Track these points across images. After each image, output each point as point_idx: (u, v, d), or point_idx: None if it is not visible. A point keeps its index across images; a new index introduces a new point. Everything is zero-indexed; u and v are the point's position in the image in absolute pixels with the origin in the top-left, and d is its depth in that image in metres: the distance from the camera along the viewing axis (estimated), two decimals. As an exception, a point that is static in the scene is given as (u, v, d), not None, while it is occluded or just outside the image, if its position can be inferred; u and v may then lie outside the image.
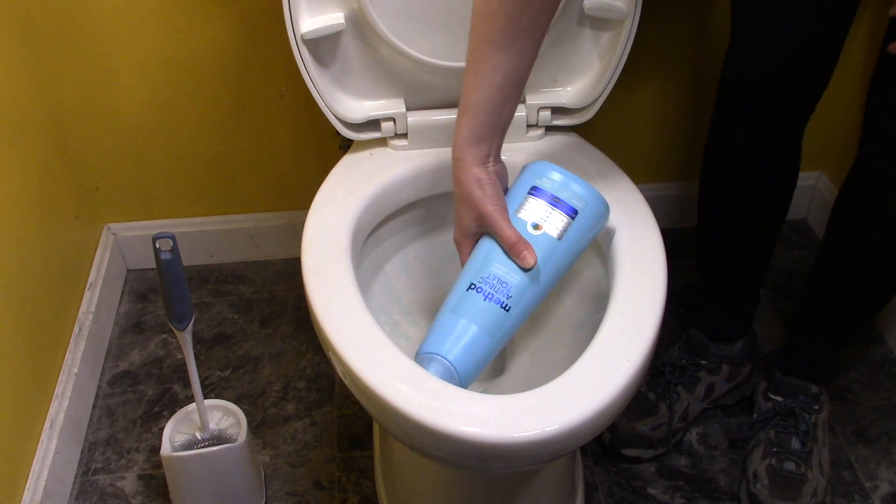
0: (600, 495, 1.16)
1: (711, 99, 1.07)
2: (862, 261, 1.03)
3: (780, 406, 1.16)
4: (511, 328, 0.82)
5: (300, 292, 0.96)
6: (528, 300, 0.82)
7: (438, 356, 0.79)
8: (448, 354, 0.79)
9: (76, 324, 1.29)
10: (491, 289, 0.80)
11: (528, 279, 0.81)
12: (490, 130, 0.83)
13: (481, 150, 0.83)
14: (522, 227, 0.82)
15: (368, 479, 1.18)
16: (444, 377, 0.78)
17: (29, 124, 1.20)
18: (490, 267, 0.81)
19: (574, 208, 0.83)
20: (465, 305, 0.81)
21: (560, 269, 0.84)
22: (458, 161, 0.84)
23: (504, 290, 0.80)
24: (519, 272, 0.81)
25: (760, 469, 1.13)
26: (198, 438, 1.09)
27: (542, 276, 0.82)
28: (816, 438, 1.15)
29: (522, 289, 0.81)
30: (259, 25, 1.25)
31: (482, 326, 0.80)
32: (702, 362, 1.22)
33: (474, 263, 0.83)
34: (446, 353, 0.79)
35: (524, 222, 0.83)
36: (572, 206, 0.83)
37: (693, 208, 1.17)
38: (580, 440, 0.76)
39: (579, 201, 0.84)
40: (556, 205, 0.83)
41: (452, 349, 0.79)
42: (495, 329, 0.80)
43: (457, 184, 0.84)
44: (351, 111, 1.04)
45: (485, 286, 0.80)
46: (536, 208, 0.83)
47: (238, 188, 1.45)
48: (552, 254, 0.82)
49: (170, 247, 0.88)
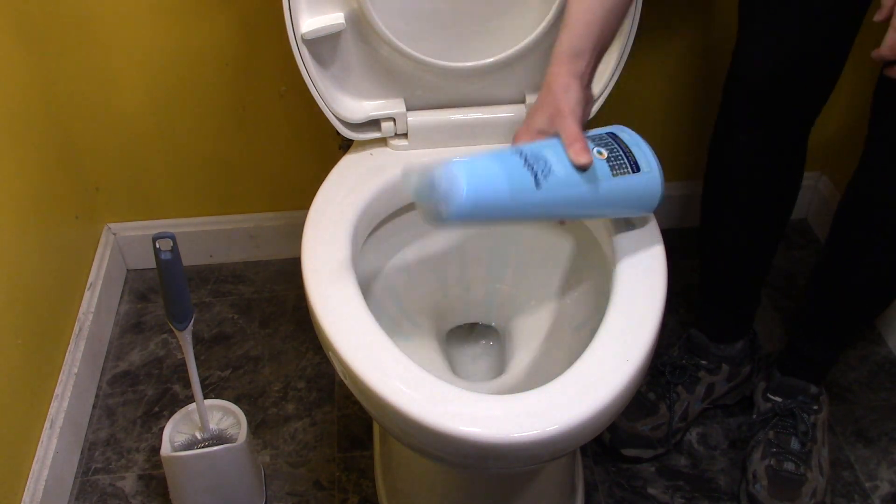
0: (600, 495, 1.16)
1: (712, 99, 1.07)
2: (865, 263, 1.03)
3: (779, 407, 1.16)
4: (526, 206, 0.78)
5: (300, 292, 0.96)
6: (557, 197, 0.79)
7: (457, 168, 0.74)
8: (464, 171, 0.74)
9: (76, 324, 1.29)
10: (533, 161, 0.77)
11: (569, 178, 0.79)
12: (588, 44, 0.83)
13: (577, 65, 0.83)
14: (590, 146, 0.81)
15: (368, 479, 1.18)
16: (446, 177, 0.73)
17: (29, 124, 1.20)
18: (543, 149, 0.79)
19: (640, 166, 0.83)
20: (505, 158, 0.78)
21: (594, 201, 0.81)
22: (553, 72, 0.84)
23: (545, 170, 0.77)
24: (566, 168, 0.79)
25: (760, 470, 1.13)
26: (198, 438, 1.09)
27: (579, 189, 0.79)
28: (816, 439, 1.15)
29: (560, 180, 0.78)
30: (259, 25, 1.25)
31: (510, 178, 0.76)
32: (702, 362, 1.22)
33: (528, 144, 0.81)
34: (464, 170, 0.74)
35: (592, 145, 0.81)
36: (639, 164, 0.83)
37: (694, 208, 1.17)
38: (580, 440, 0.76)
39: (647, 167, 0.83)
40: (625, 153, 0.83)
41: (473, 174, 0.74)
42: (517, 192, 0.76)
43: (545, 89, 0.84)
44: (351, 111, 1.04)
45: (529, 157, 0.78)
46: (608, 146, 0.82)
47: (238, 188, 1.45)
48: (601, 181, 0.80)
49: (170, 247, 0.89)
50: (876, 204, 0.98)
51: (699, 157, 1.12)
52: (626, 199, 0.84)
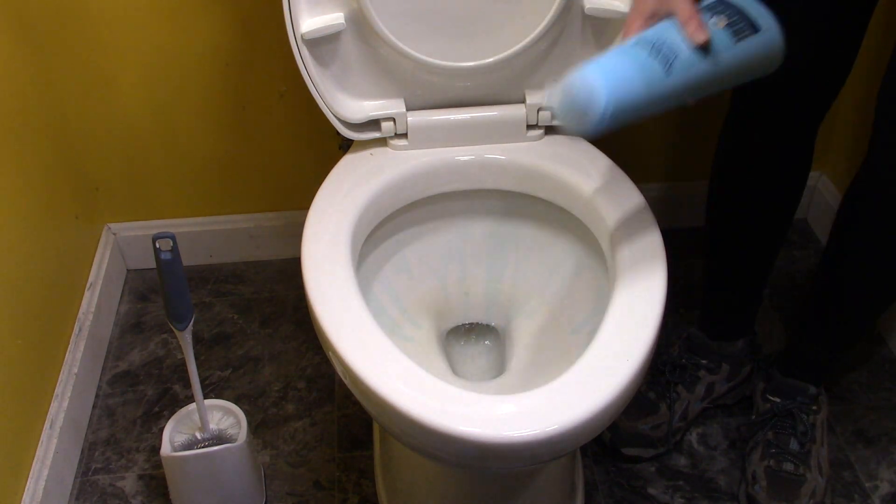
0: (600, 495, 1.16)
1: (712, 99, 1.07)
2: (865, 264, 1.03)
3: (778, 407, 1.16)
4: (665, 95, 0.77)
5: (300, 292, 0.96)
6: (692, 75, 0.78)
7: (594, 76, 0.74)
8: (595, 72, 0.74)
9: (76, 324, 1.29)
10: (659, 48, 0.76)
11: (695, 56, 0.77)
12: None
13: None
14: (705, 19, 0.79)
15: (368, 479, 1.18)
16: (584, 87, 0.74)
17: (29, 124, 1.20)
18: (663, 33, 0.78)
19: (759, 25, 0.81)
20: (630, 52, 0.77)
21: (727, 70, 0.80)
22: None
23: (669, 54, 0.76)
24: (690, 47, 0.77)
25: (759, 470, 1.13)
26: (198, 438, 1.09)
27: (713, 62, 0.78)
28: (815, 439, 1.15)
29: (688, 61, 0.77)
30: (259, 25, 1.25)
31: (642, 73, 0.75)
32: (702, 361, 1.22)
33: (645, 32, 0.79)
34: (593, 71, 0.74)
35: (708, 16, 0.80)
36: (758, 24, 0.81)
37: (694, 208, 1.17)
38: (580, 440, 0.76)
39: (766, 24, 0.81)
40: (742, 15, 0.80)
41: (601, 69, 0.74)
42: (652, 84, 0.76)
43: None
44: (351, 111, 1.04)
45: (654, 44, 0.77)
46: (724, 9, 0.81)
47: (238, 188, 1.45)
48: (726, 50, 0.79)
49: (170, 247, 0.89)
50: (877, 205, 0.98)
51: (699, 156, 1.12)
52: (752, 62, 0.82)
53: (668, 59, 0.76)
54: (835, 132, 1.43)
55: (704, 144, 1.11)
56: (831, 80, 0.99)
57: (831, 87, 1.00)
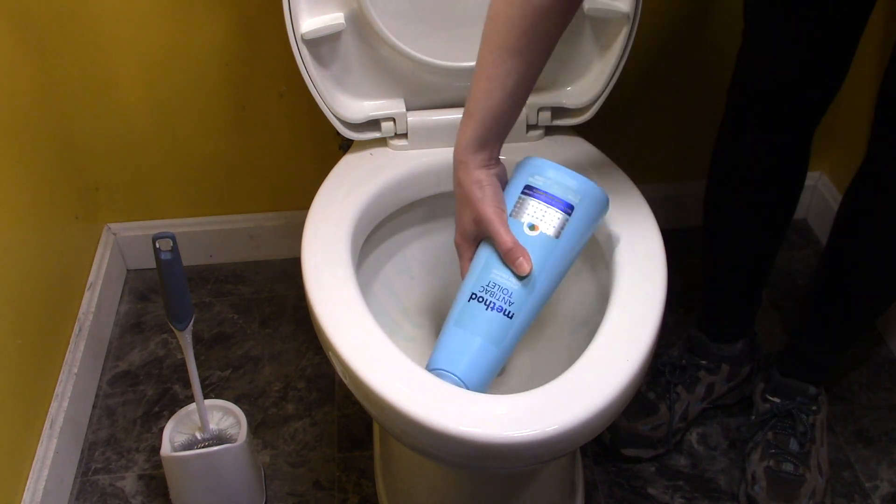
0: (600, 495, 1.16)
1: (712, 99, 1.07)
2: (865, 264, 1.03)
3: (778, 408, 1.16)
4: (517, 334, 0.80)
5: (300, 292, 0.96)
6: (532, 304, 0.80)
7: (447, 372, 0.78)
8: (456, 370, 0.78)
9: (76, 324, 1.29)
10: (492, 297, 0.79)
11: (528, 283, 0.80)
12: (495, 135, 0.82)
13: (484, 154, 0.82)
14: (519, 228, 0.81)
15: (368, 479, 1.18)
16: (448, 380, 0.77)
17: (29, 124, 1.20)
18: (489, 274, 0.80)
19: (570, 204, 0.81)
20: (468, 317, 0.79)
21: (561, 268, 0.83)
22: (461, 164, 0.83)
23: (505, 297, 0.79)
24: (517, 279, 0.79)
25: (759, 471, 1.13)
26: (198, 438, 1.09)
27: (543, 277, 0.80)
28: (814, 439, 1.15)
29: (524, 294, 0.79)
30: (259, 25, 1.25)
31: (487, 337, 0.78)
32: (701, 362, 1.22)
33: (474, 271, 0.82)
34: (454, 368, 0.78)
35: (521, 224, 0.81)
36: (568, 202, 0.81)
37: (694, 208, 1.17)
38: (580, 440, 0.76)
39: (574, 196, 0.82)
40: (551, 202, 0.81)
41: (459, 364, 0.78)
42: (500, 338, 0.79)
43: (458, 186, 0.84)
44: (351, 111, 1.04)
45: (486, 295, 0.79)
46: (532, 208, 0.82)
47: (238, 188, 1.45)
48: (551, 253, 0.81)
49: (170, 247, 0.89)
50: (877, 205, 0.98)
51: (699, 156, 1.12)
52: (581, 237, 0.83)
53: (505, 305, 0.79)
54: (835, 132, 1.43)
55: (704, 144, 1.11)
56: (827, 85, 0.99)
57: (827, 92, 1.00)
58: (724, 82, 1.05)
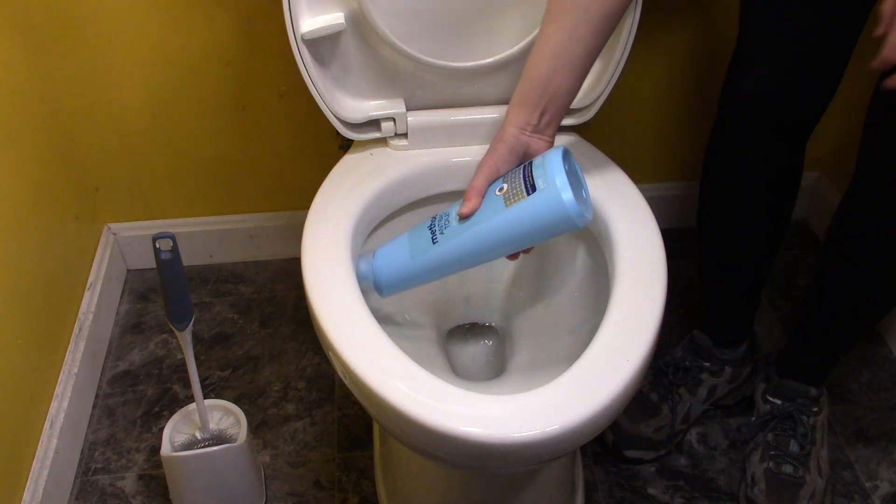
0: (600, 495, 1.16)
1: (712, 99, 1.07)
2: (864, 268, 1.02)
3: (778, 409, 1.16)
4: (431, 261, 0.86)
5: (300, 292, 0.96)
6: (454, 245, 0.85)
7: (370, 253, 0.90)
8: (377, 254, 0.90)
9: (76, 324, 1.29)
10: (437, 222, 0.87)
11: (463, 226, 0.84)
12: (534, 98, 0.85)
13: (522, 115, 0.85)
14: (498, 184, 0.84)
15: (368, 479, 1.18)
16: (363, 272, 0.89)
17: (29, 124, 1.20)
18: (449, 208, 0.87)
19: (535, 186, 0.81)
20: (415, 231, 0.89)
21: (494, 236, 0.83)
22: (505, 120, 0.87)
23: (441, 226, 0.86)
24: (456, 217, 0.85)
25: (758, 472, 1.13)
26: (198, 438, 1.09)
27: (475, 231, 0.83)
28: (815, 440, 1.15)
29: (454, 232, 0.85)
30: (259, 25, 1.25)
31: (411, 244, 0.88)
32: (705, 364, 1.22)
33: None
34: (377, 253, 0.90)
35: (499, 181, 0.85)
36: (535, 185, 0.81)
37: (693, 208, 1.17)
38: (580, 440, 0.76)
39: (544, 183, 0.80)
40: (525, 178, 0.83)
41: (381, 250, 0.90)
42: (417, 252, 0.87)
43: None
44: (351, 111, 1.04)
45: (434, 221, 0.87)
46: (514, 176, 0.84)
47: (238, 188, 1.45)
48: (493, 216, 0.83)
49: (170, 247, 0.89)
50: (868, 222, 0.98)
51: (699, 156, 1.11)
52: (525, 223, 0.82)
53: (436, 231, 0.86)
54: (835, 133, 1.43)
55: (704, 144, 1.11)
56: (823, 93, 0.98)
57: (823, 99, 0.99)
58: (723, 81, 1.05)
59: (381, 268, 0.89)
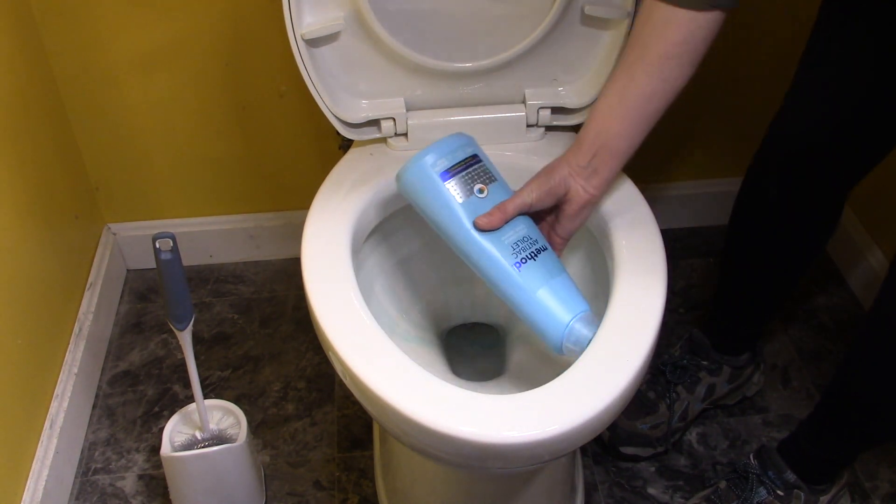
0: (600, 495, 1.16)
1: (711, 97, 1.07)
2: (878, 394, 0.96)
3: None
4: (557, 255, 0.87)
5: (300, 292, 0.96)
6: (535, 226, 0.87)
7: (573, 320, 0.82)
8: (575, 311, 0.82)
9: (76, 324, 1.29)
10: (524, 251, 0.84)
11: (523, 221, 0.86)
12: (587, 138, 0.85)
13: (574, 153, 0.86)
14: (477, 200, 0.85)
15: (368, 479, 1.19)
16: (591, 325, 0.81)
17: (29, 124, 1.20)
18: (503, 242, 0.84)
19: (474, 155, 0.88)
20: (531, 279, 0.83)
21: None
22: None
23: (528, 242, 0.85)
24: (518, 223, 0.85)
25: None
26: (198, 438, 1.09)
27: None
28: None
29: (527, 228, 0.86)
30: (259, 25, 1.25)
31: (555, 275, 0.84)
32: (703, 363, 1.22)
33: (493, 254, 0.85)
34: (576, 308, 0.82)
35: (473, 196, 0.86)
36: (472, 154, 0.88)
37: (693, 208, 1.17)
38: (580, 440, 0.76)
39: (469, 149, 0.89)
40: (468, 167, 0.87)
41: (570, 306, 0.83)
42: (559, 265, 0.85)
43: None
44: (351, 111, 1.04)
45: (520, 254, 0.84)
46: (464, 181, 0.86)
47: (238, 188, 1.45)
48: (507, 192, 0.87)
49: (170, 247, 0.89)
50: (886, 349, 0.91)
51: (699, 156, 1.11)
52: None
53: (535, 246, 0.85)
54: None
55: (704, 144, 1.11)
56: (871, 150, 0.96)
57: (871, 156, 0.96)
58: (724, 81, 1.04)
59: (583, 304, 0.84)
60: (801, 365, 1.34)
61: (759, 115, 1.15)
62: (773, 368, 1.33)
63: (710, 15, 0.80)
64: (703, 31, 0.81)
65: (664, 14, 0.81)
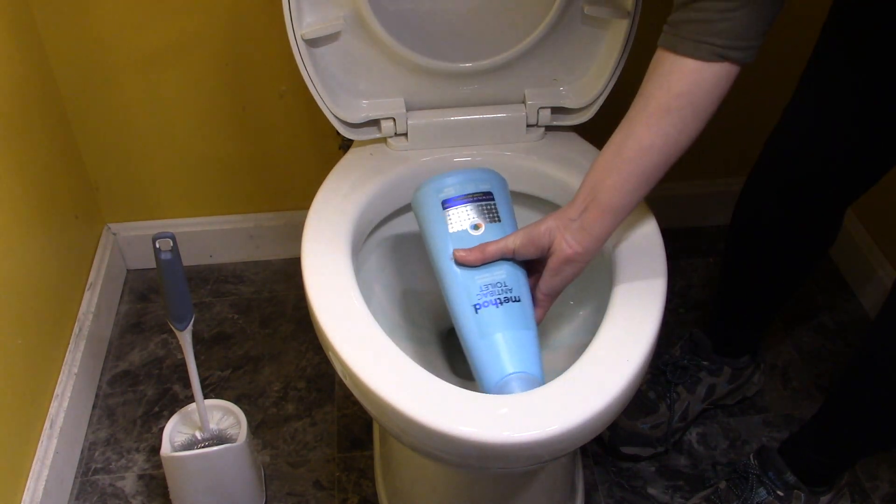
0: (600, 495, 1.16)
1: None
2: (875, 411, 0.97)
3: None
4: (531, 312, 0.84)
5: (300, 292, 0.96)
6: (523, 278, 0.85)
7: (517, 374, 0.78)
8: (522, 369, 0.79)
9: (76, 324, 1.29)
10: (491, 296, 0.82)
11: (507, 267, 0.84)
12: (582, 191, 0.82)
13: (567, 207, 0.83)
14: (465, 236, 0.86)
15: (368, 479, 1.19)
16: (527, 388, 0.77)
17: (29, 124, 1.20)
18: (475, 281, 0.84)
19: (487, 192, 0.88)
20: (486, 323, 0.81)
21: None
22: None
23: (502, 289, 0.83)
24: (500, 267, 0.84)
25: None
26: (198, 438, 1.09)
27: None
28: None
29: (513, 275, 0.84)
30: (259, 25, 1.25)
31: (516, 328, 0.81)
32: (703, 363, 1.22)
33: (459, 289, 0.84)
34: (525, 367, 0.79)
35: (465, 232, 0.86)
36: (484, 191, 0.89)
37: (693, 208, 1.17)
38: (580, 440, 0.76)
39: (485, 185, 0.89)
40: (472, 200, 0.88)
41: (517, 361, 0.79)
42: (526, 321, 0.82)
43: None
44: (351, 111, 1.04)
45: (486, 298, 0.82)
46: (460, 214, 0.87)
47: (238, 188, 1.45)
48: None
49: (170, 247, 0.89)
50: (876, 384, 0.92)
51: (698, 156, 1.11)
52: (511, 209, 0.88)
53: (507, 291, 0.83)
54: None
55: (703, 144, 1.10)
56: (870, 173, 0.96)
57: (869, 178, 0.96)
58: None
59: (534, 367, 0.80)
60: (801, 365, 1.34)
61: (759, 115, 1.16)
62: (773, 368, 1.33)
63: (717, 67, 0.75)
64: (707, 83, 0.76)
65: (669, 64, 0.77)
